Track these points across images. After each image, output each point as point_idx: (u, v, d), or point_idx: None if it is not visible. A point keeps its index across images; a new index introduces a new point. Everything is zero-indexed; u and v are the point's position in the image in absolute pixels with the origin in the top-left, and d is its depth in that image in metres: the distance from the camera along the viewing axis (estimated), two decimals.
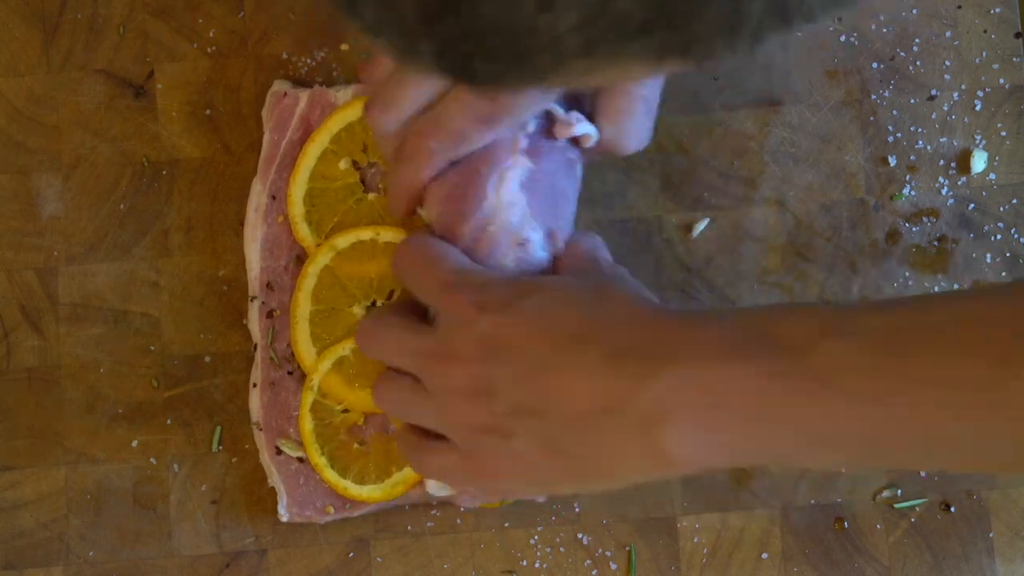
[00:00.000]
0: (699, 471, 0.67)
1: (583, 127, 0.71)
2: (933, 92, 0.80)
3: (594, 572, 0.79)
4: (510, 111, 0.69)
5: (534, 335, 0.66)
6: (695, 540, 0.79)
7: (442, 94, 0.70)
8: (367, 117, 0.72)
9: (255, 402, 0.78)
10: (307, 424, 0.77)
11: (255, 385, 0.78)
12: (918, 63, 0.80)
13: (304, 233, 0.78)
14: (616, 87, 0.70)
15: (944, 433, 0.61)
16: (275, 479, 0.77)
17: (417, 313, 0.73)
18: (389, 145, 0.73)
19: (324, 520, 0.77)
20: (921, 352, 0.61)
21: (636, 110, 0.71)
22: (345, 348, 0.77)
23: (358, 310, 0.76)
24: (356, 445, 0.77)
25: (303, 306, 0.77)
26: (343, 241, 0.77)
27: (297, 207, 0.78)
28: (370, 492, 0.77)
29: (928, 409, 0.60)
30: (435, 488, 0.76)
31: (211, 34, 0.81)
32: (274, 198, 0.78)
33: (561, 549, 0.79)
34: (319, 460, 0.77)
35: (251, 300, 0.78)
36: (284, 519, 0.77)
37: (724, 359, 0.63)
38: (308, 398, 0.77)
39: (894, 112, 0.80)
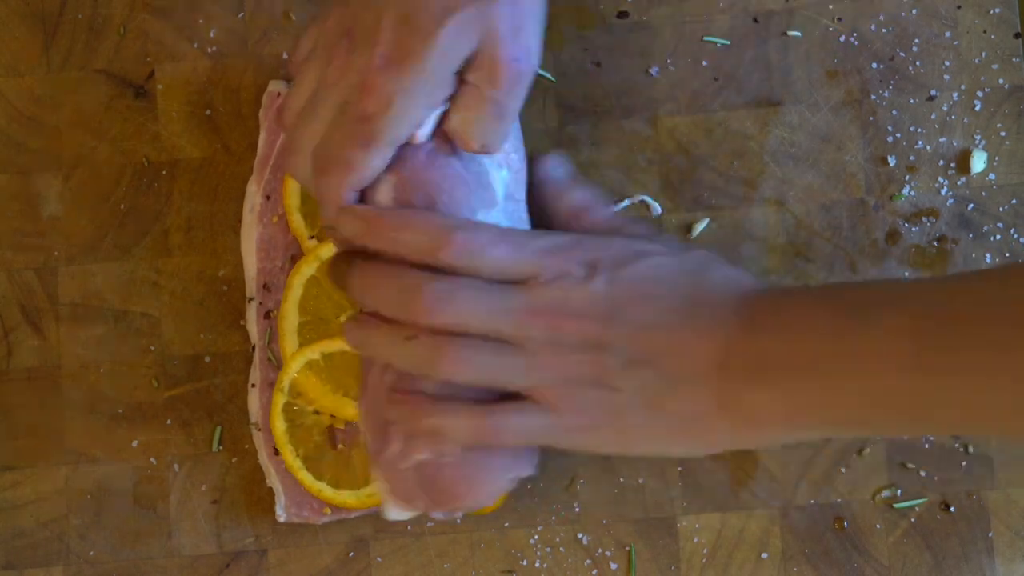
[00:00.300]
0: (779, 438, 0.71)
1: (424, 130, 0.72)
2: (933, 92, 0.80)
3: (594, 572, 0.79)
4: (385, 126, 0.70)
5: (651, 294, 0.70)
6: (695, 540, 0.79)
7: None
8: (284, 166, 0.73)
9: (254, 402, 0.78)
10: (279, 425, 0.77)
11: (253, 386, 0.78)
12: (918, 63, 0.80)
13: (297, 223, 0.78)
14: (469, 80, 0.71)
15: (977, 395, 0.65)
16: (273, 479, 0.77)
17: None
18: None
19: (321, 521, 0.77)
20: (960, 321, 0.65)
21: (484, 109, 0.72)
22: (315, 351, 0.77)
23: (345, 320, 0.76)
24: (334, 449, 0.77)
25: (290, 318, 0.77)
26: (327, 251, 0.77)
27: (292, 197, 0.78)
28: (345, 498, 0.77)
29: (966, 369, 0.64)
30: (394, 513, 0.75)
31: (211, 34, 0.81)
32: (268, 198, 0.78)
33: (561, 549, 0.79)
34: (294, 462, 0.77)
35: (248, 301, 0.78)
36: (282, 519, 0.77)
37: (806, 327, 0.68)
38: (279, 400, 0.77)
39: (894, 112, 0.80)
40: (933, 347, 0.65)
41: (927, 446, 0.79)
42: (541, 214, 0.76)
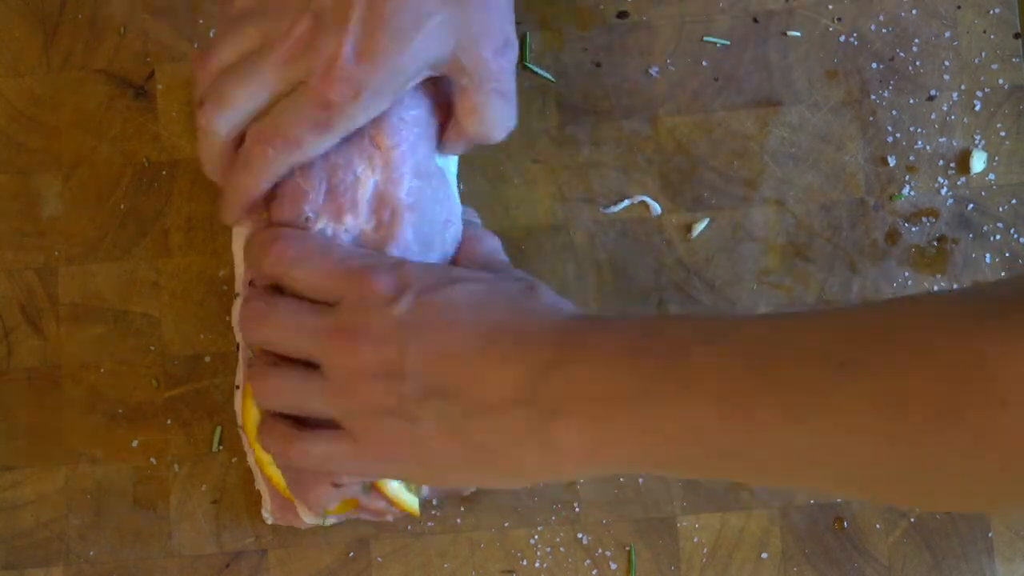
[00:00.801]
0: (588, 472, 0.69)
1: None
2: (933, 92, 0.80)
3: (594, 572, 0.79)
4: (346, 117, 0.70)
5: (457, 321, 0.68)
6: (695, 540, 0.79)
7: (277, 98, 0.70)
8: (198, 115, 0.71)
9: (239, 404, 0.77)
10: (251, 417, 0.75)
11: (238, 387, 0.77)
12: (918, 63, 0.81)
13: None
14: (464, 84, 0.72)
15: (784, 440, 0.62)
16: (259, 482, 0.77)
17: None
18: (217, 148, 0.72)
19: (304, 526, 0.77)
20: (772, 359, 0.62)
21: (493, 103, 0.72)
22: None
23: None
24: None
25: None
26: None
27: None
28: None
29: (770, 413, 0.62)
30: (310, 518, 0.76)
31: (211, 34, 0.81)
32: None
33: (561, 549, 0.79)
34: (264, 456, 0.75)
35: (235, 297, 0.78)
36: (268, 522, 0.77)
37: (616, 359, 0.65)
38: (249, 402, 0.76)
39: (894, 112, 0.80)
40: (747, 387, 0.62)
41: None
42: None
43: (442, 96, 0.74)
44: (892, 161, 0.80)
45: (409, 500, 0.75)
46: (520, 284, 0.70)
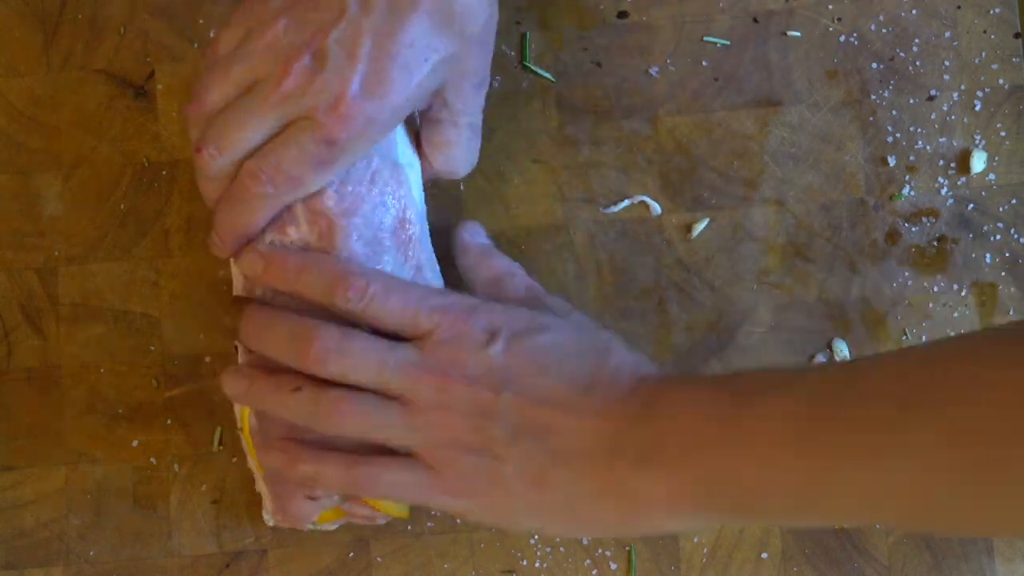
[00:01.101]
0: (667, 524, 0.69)
1: None
2: (933, 92, 0.80)
3: (594, 572, 0.79)
4: (349, 152, 0.70)
5: (548, 368, 0.69)
6: (695, 540, 0.79)
7: (274, 134, 0.70)
8: (197, 159, 0.71)
9: (239, 408, 0.77)
10: (248, 422, 0.75)
11: None
12: (918, 63, 0.81)
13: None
14: (442, 118, 0.73)
15: (858, 478, 0.63)
16: (259, 483, 0.77)
17: None
18: (213, 185, 0.72)
19: (305, 529, 0.77)
20: (837, 402, 0.64)
21: (463, 138, 0.74)
22: None
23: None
24: None
25: None
26: None
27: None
28: None
29: (843, 453, 0.63)
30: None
31: (211, 34, 0.81)
32: None
33: (561, 549, 0.79)
34: (260, 467, 0.75)
35: (233, 300, 0.78)
36: (269, 524, 0.77)
37: (693, 413, 0.67)
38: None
39: (894, 112, 0.80)
40: (816, 430, 0.63)
41: None
42: (463, 280, 0.76)
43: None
44: (892, 161, 0.80)
45: (396, 504, 0.75)
46: (603, 337, 0.72)
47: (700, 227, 0.80)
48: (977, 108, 0.80)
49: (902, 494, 0.62)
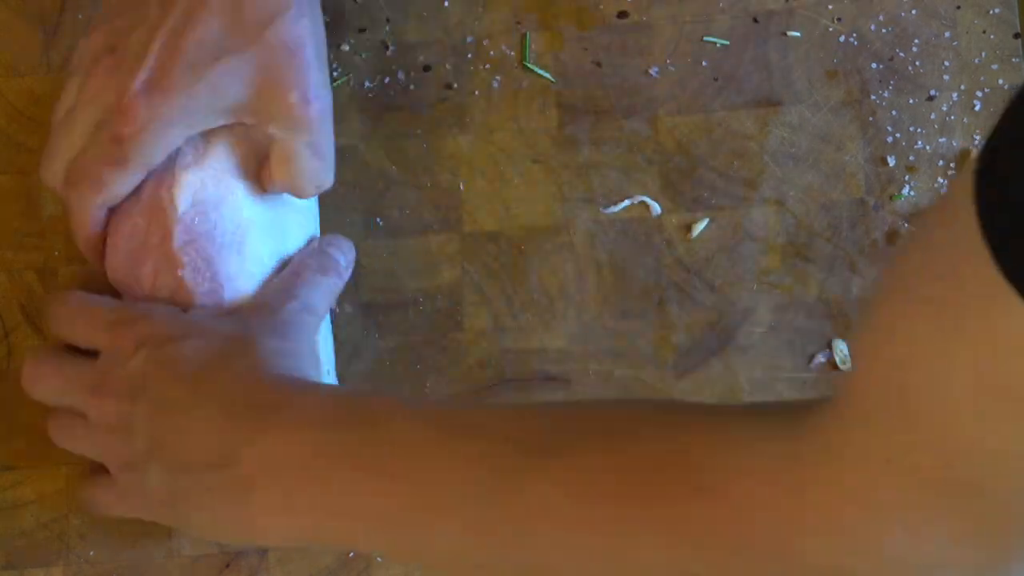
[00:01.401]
0: (283, 540, 0.71)
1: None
2: (932, 92, 0.80)
3: None
4: (138, 150, 0.71)
5: (178, 378, 0.69)
6: None
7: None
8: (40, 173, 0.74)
9: None
10: None
11: None
12: (917, 63, 0.81)
13: None
14: (274, 135, 0.72)
15: (470, 520, 0.64)
16: None
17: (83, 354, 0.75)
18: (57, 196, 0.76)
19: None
20: (461, 436, 0.65)
21: (301, 155, 0.73)
22: None
23: None
24: None
25: None
26: None
27: None
28: None
29: (452, 494, 0.64)
30: None
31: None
32: None
33: None
34: None
35: None
36: None
37: (311, 430, 0.67)
38: None
39: (893, 112, 0.80)
40: (422, 465, 0.65)
41: None
42: None
43: (259, 146, 0.74)
44: (892, 161, 0.80)
45: None
46: (232, 339, 0.71)
47: (700, 227, 0.80)
48: (977, 108, 0.80)
49: (525, 543, 0.62)
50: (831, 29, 0.81)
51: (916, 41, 0.81)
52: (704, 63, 0.81)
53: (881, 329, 0.53)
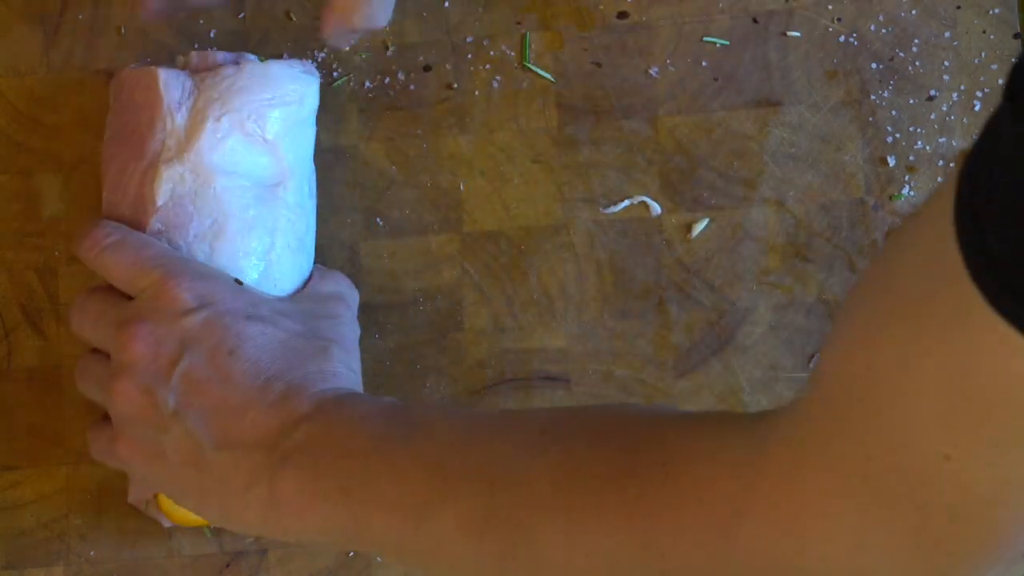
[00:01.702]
0: (301, 531, 0.70)
1: None
2: (932, 92, 0.80)
3: None
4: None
5: (239, 354, 0.69)
6: None
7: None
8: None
9: None
10: None
11: None
12: (917, 63, 0.81)
13: None
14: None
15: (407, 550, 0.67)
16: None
17: None
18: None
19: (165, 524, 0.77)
20: (460, 458, 0.66)
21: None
22: None
23: None
24: None
25: None
26: None
27: None
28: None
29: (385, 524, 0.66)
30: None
31: (212, 35, 0.81)
32: None
33: None
34: None
35: None
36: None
37: (354, 426, 0.68)
38: None
39: (893, 112, 0.80)
40: (409, 491, 0.66)
41: None
42: None
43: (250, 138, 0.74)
44: (892, 161, 0.80)
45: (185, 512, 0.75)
46: (317, 344, 0.71)
47: (700, 227, 0.80)
48: (977, 108, 0.80)
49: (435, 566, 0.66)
50: (831, 29, 0.81)
51: (916, 41, 0.81)
52: (704, 63, 0.81)
53: (853, 333, 0.54)
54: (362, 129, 0.81)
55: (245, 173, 0.74)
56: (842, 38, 0.81)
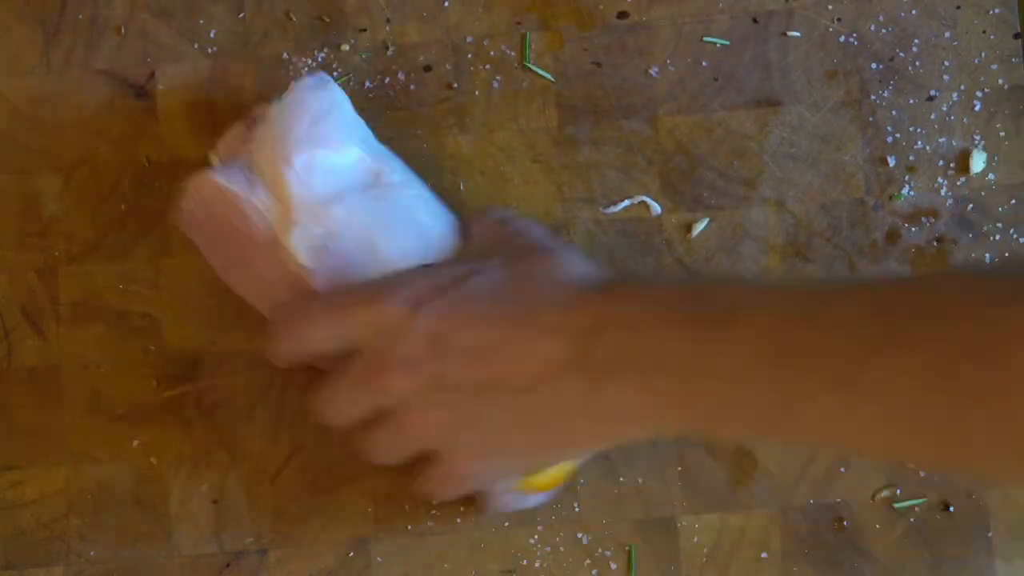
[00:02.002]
0: (640, 434, 0.69)
1: None
2: (932, 92, 0.80)
3: (594, 572, 0.79)
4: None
5: (483, 314, 0.67)
6: (695, 540, 0.79)
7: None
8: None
9: None
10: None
11: None
12: (917, 63, 0.81)
13: None
14: None
15: (826, 406, 0.62)
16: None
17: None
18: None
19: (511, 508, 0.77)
20: (814, 328, 0.63)
21: None
22: None
23: None
24: None
25: None
26: None
27: None
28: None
29: (813, 380, 0.62)
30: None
31: (212, 35, 0.81)
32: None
33: (561, 549, 0.79)
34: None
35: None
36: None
37: (662, 322, 0.65)
38: None
39: (893, 112, 0.80)
40: (783, 353, 0.62)
41: None
42: None
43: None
44: (892, 161, 0.80)
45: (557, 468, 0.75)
46: (541, 257, 0.69)
47: (700, 227, 0.80)
48: (977, 108, 0.80)
49: (867, 426, 0.62)
50: (831, 29, 0.81)
51: (916, 41, 0.81)
52: (704, 63, 0.81)
53: None
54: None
55: (347, 186, 0.74)
56: (842, 38, 0.81)
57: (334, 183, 0.74)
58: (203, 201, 0.74)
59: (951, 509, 0.79)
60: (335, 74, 0.81)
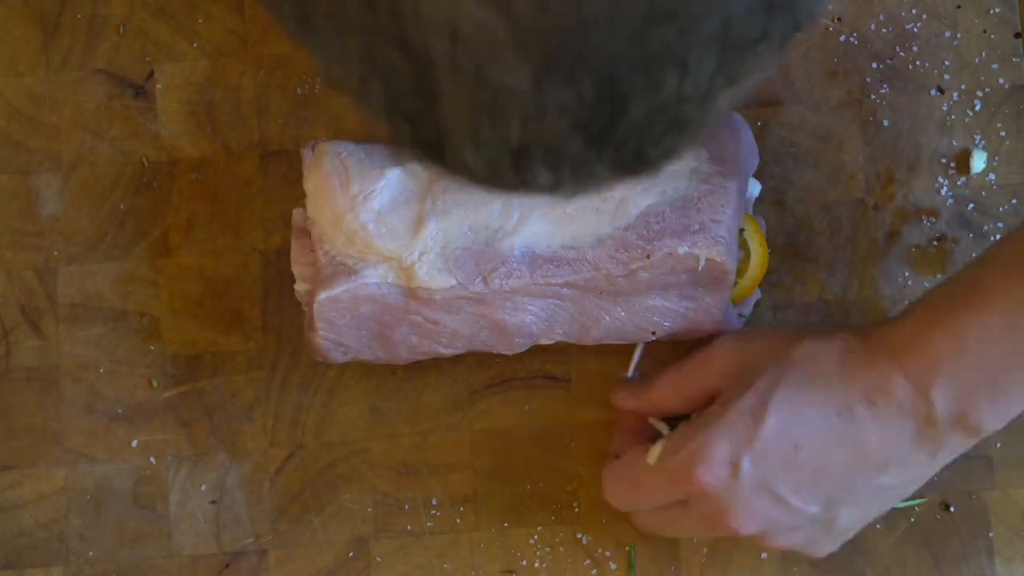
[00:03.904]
0: (961, 429, 0.70)
1: None
2: (933, 92, 0.80)
3: (594, 572, 0.79)
4: None
5: (799, 434, 0.70)
6: (695, 540, 0.79)
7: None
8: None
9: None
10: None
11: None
12: (917, 63, 0.80)
13: None
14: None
15: None
16: None
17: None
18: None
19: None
20: None
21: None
22: None
23: None
24: None
25: None
26: None
27: None
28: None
29: None
30: None
31: (211, 34, 0.81)
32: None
33: (561, 549, 0.79)
34: None
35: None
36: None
37: (971, 336, 0.68)
38: None
39: (893, 112, 0.80)
40: None
41: None
42: None
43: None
44: (892, 161, 0.80)
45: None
46: (784, 359, 0.71)
47: None
48: (977, 108, 0.80)
49: None
50: (831, 29, 0.81)
51: (916, 41, 0.81)
52: None
53: None
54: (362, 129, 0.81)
55: (415, 196, 0.73)
56: (842, 38, 0.81)
57: (402, 204, 0.73)
58: (338, 316, 0.73)
59: (951, 509, 0.79)
60: None
